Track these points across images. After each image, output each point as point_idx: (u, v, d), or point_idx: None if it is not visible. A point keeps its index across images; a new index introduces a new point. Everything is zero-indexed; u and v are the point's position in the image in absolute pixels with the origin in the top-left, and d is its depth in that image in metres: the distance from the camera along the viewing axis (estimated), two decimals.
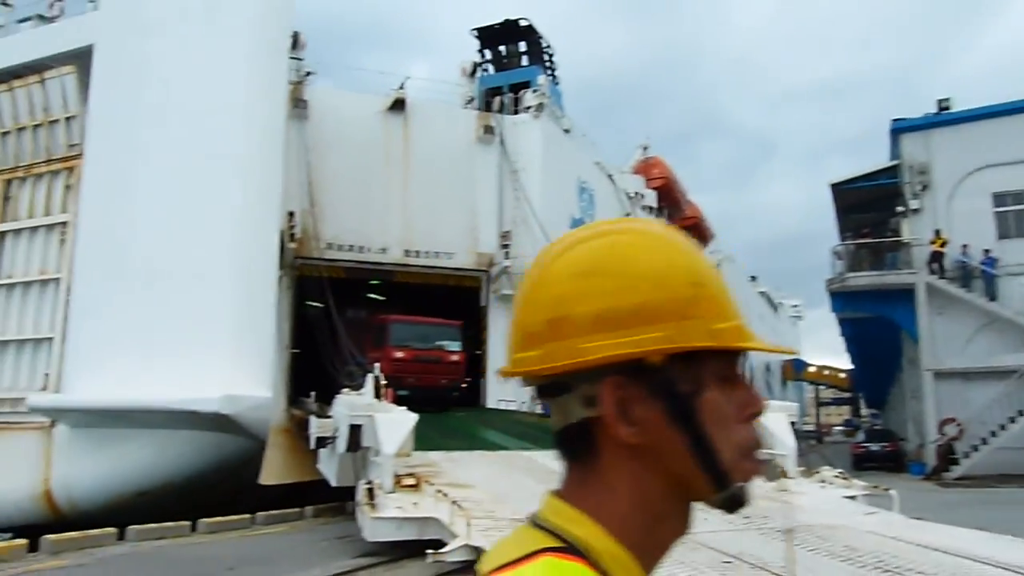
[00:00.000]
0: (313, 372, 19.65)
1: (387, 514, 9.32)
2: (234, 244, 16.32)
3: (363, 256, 21.83)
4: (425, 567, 8.32)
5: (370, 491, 9.60)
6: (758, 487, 3.94)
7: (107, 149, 17.56)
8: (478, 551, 8.13)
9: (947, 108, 26.20)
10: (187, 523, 11.69)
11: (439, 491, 9.49)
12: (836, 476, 12.61)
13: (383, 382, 17.08)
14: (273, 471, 16.88)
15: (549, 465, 13.64)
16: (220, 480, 15.96)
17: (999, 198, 25.27)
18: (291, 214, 19.94)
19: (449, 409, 19.76)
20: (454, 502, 8.85)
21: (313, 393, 17.76)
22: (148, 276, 16.12)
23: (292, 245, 20.06)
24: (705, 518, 5.15)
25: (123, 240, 16.65)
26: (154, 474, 15.84)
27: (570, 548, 0.83)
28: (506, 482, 11.82)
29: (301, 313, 20.62)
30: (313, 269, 20.57)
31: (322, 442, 12.20)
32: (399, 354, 19.21)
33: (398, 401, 15.82)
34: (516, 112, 24.75)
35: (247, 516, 12.58)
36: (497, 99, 24.50)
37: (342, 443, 11.21)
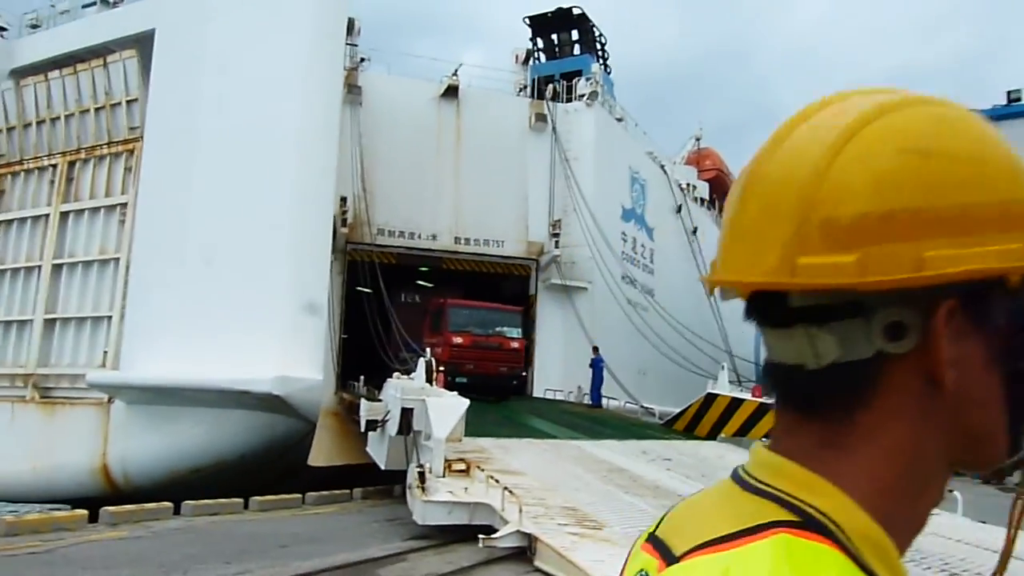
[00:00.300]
0: (363, 357, 19.77)
1: (438, 498, 9.29)
2: (289, 227, 16.47)
3: (413, 242, 21.89)
4: (476, 551, 8.25)
5: (421, 475, 9.58)
6: None
7: (166, 132, 17.88)
8: (529, 537, 8.05)
9: (1017, 99, 25.25)
10: (239, 500, 11.83)
11: (490, 477, 9.42)
12: None
13: (440, 368, 17.14)
14: (322, 453, 17.04)
15: (598, 455, 13.54)
16: (271, 460, 16.17)
17: None
18: (343, 199, 20.07)
19: (508, 398, 19.58)
20: (506, 488, 8.76)
21: (362, 377, 17.87)
22: (205, 257, 16.37)
23: (344, 230, 20.21)
24: None
25: (181, 221, 16.94)
26: (207, 452, 16.11)
27: (811, 524, 0.63)
28: (556, 471, 11.74)
29: (352, 297, 20.75)
30: (364, 254, 20.69)
31: (372, 425, 12.20)
32: (458, 340, 18.72)
33: (456, 388, 15.64)
34: (569, 100, 24.53)
35: (297, 496, 12.68)
36: (550, 87, 24.30)
37: (393, 426, 11.21)
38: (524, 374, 19.96)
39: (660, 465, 13.04)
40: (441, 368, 16.84)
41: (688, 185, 33.60)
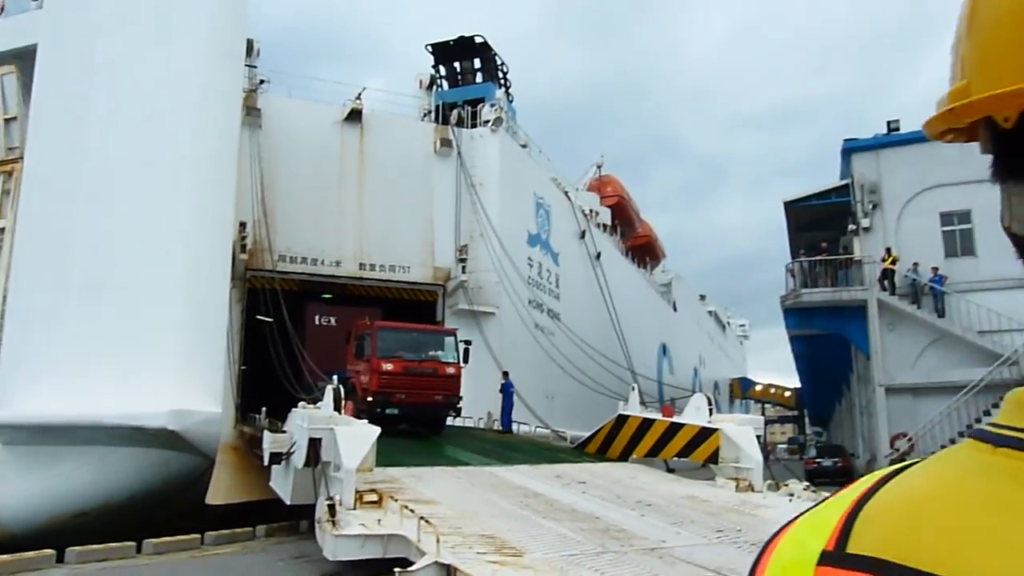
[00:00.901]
0: (264, 389, 18.94)
1: (350, 531, 8.85)
2: (184, 253, 15.69)
3: (316, 269, 21.30)
4: None
5: (331, 507, 9.12)
6: (726, 500, 3.58)
7: (49, 153, 16.80)
8: (448, 568, 7.73)
9: (896, 129, 26.80)
10: (131, 544, 11.01)
11: (404, 507, 9.05)
12: (804, 489, 12.48)
13: (368, 398, 16.50)
14: (221, 490, 16.21)
15: (513, 480, 13.31)
16: (165, 500, 15.22)
17: (946, 217, 25.87)
18: (242, 225, 19.36)
19: (441, 431, 18.35)
20: (421, 518, 8.43)
21: (264, 409, 17.11)
22: (91, 286, 15.40)
23: (243, 256, 19.47)
24: (678, 532, 4.83)
25: (65, 247, 15.89)
26: (93, 493, 15.02)
27: None
28: (471, 498, 11.44)
29: (252, 327, 19.92)
30: (265, 281, 19.95)
31: (276, 458, 11.62)
32: (388, 366, 16.84)
33: (385, 421, 15.10)
34: (474, 126, 24.52)
35: (195, 536, 11.92)
36: (455, 112, 24.25)
37: (300, 458, 10.71)
38: (460, 403, 18.29)
39: (575, 488, 12.90)
40: (370, 398, 16.34)
41: (591, 211, 34.10)
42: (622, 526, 10.22)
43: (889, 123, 26.97)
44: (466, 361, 18.20)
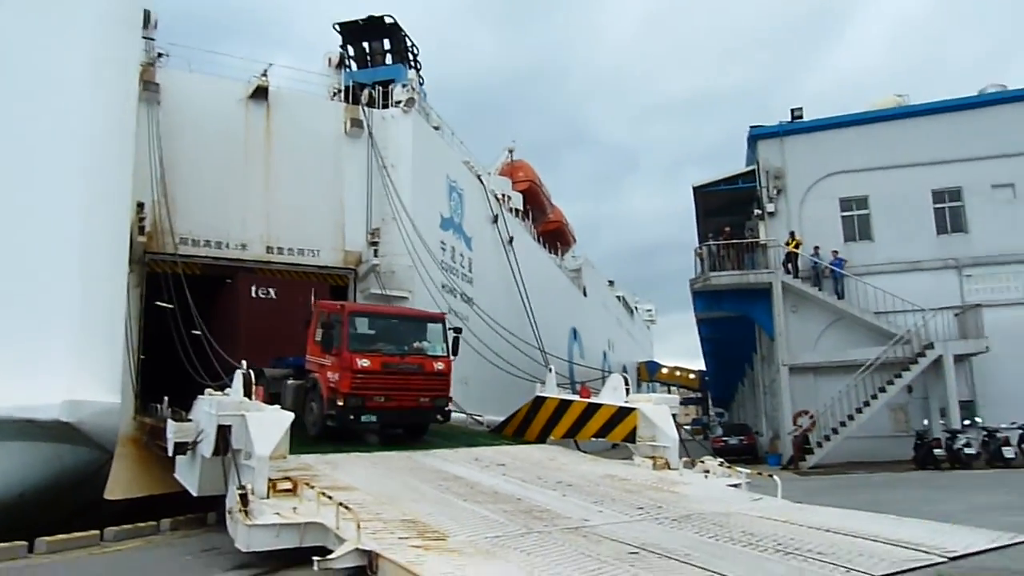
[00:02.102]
0: (167, 378, 18.00)
1: (264, 521, 8.44)
2: (77, 234, 14.68)
3: (221, 252, 20.38)
4: (309, 575, 7.53)
5: (243, 497, 8.69)
6: (645, 478, 3.42)
7: None
8: (370, 555, 7.45)
9: (800, 117, 27.70)
10: (22, 543, 10.24)
11: (321, 494, 8.69)
12: (719, 466, 12.70)
13: (340, 402, 13.96)
14: (121, 484, 15.39)
15: (431, 464, 13.07)
16: (59, 497, 14.28)
17: (845, 203, 26.95)
18: (140, 205, 18.32)
19: (422, 436, 15.94)
20: (340, 504, 8.10)
21: (166, 398, 16.26)
22: None
23: (142, 239, 18.46)
24: (600, 511, 4.68)
25: None
26: None
27: None
28: (390, 483, 11.14)
29: (152, 314, 18.90)
30: (166, 266, 18.98)
31: (181, 448, 11.03)
32: (363, 363, 14.13)
33: (357, 430, 14.42)
34: (385, 107, 23.96)
35: (94, 532, 11.22)
36: (365, 92, 23.62)
37: (207, 447, 10.17)
38: (450, 405, 15.75)
39: (495, 471, 12.76)
40: (340, 403, 13.93)
41: (504, 196, 33.97)
42: (545, 506, 10.13)
43: (793, 111, 27.84)
44: (455, 352, 15.70)
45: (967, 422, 22.99)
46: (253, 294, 19.38)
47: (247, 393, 10.58)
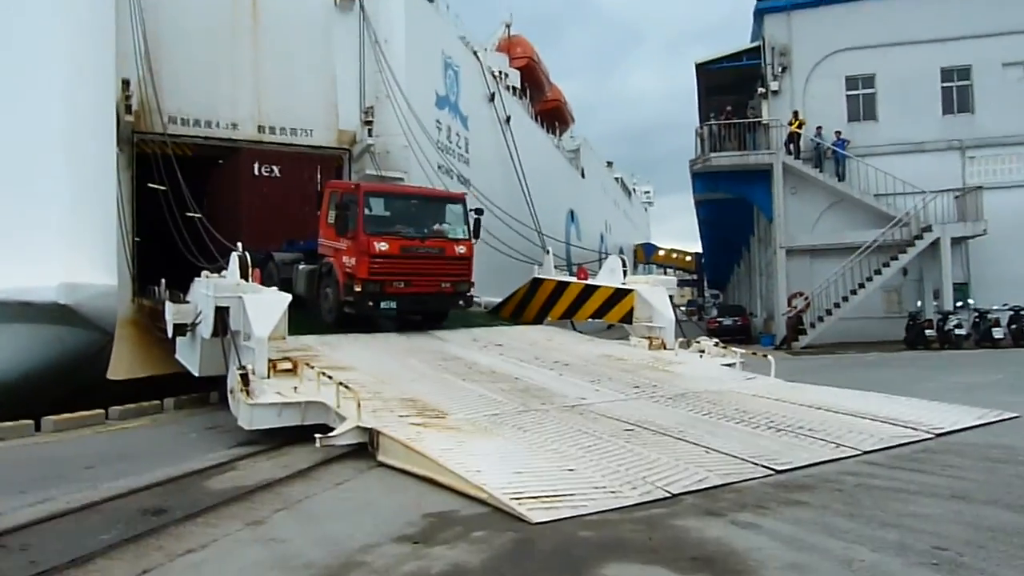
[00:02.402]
0: (165, 262, 17.89)
1: (265, 400, 8.58)
2: (62, 112, 14.26)
3: (211, 132, 19.83)
4: (312, 452, 7.72)
5: (244, 377, 8.79)
6: (641, 358, 3.37)
7: None
8: (371, 432, 7.61)
9: None
10: (29, 422, 10.45)
11: (321, 373, 8.79)
12: (715, 346, 12.85)
13: (357, 288, 13.28)
14: (123, 365, 15.56)
15: (429, 345, 13.23)
16: (62, 377, 14.48)
17: (851, 81, 26.21)
18: (126, 83, 17.69)
19: (443, 322, 15.31)
20: (340, 384, 8.20)
21: (164, 281, 16.24)
22: None
23: (129, 118, 17.87)
24: (596, 389, 4.67)
25: None
26: None
27: None
28: (389, 363, 11.30)
29: (146, 197, 18.62)
30: (155, 146, 18.54)
31: (181, 329, 11.09)
32: (381, 246, 13.40)
33: (376, 315, 13.83)
34: None
35: (99, 412, 11.44)
36: None
37: (206, 328, 10.23)
38: (471, 290, 15.08)
39: (493, 351, 12.93)
40: (358, 288, 13.30)
41: (500, 73, 32.98)
42: (542, 385, 10.31)
43: None
44: (476, 236, 15.07)
45: (959, 304, 23.20)
46: (256, 172, 18.28)
47: (243, 275, 10.53)
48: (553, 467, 6.42)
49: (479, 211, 15.38)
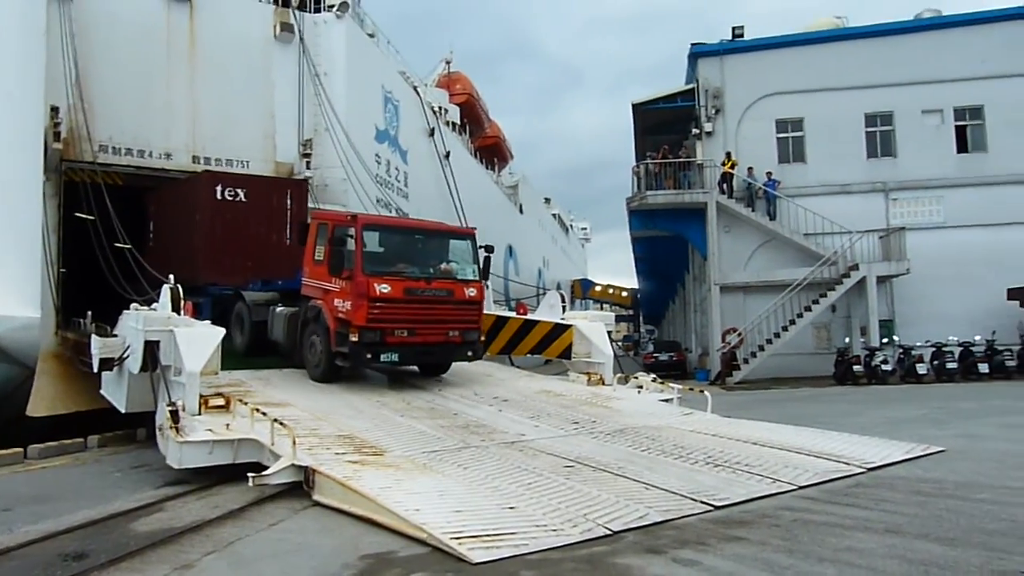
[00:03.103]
0: (93, 294, 17.25)
1: (196, 437, 8.29)
2: None
3: (144, 161, 19.42)
4: (245, 492, 7.48)
5: (174, 413, 8.48)
6: (580, 393, 3.41)
7: None
8: (306, 470, 7.42)
9: (740, 36, 27.50)
10: None
11: (255, 410, 8.56)
12: (652, 381, 12.96)
13: (353, 337, 11.54)
14: (43, 401, 14.93)
15: (365, 382, 13.00)
16: None
17: (781, 124, 27.13)
18: (55, 109, 17.23)
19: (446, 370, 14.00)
20: (275, 420, 7.99)
21: (90, 313, 15.67)
22: None
23: (57, 146, 17.38)
24: (536, 425, 4.68)
25: None
26: None
27: None
28: (326, 399, 11.09)
29: (74, 227, 18.01)
30: (84, 175, 18.01)
31: (107, 364, 10.68)
32: (382, 288, 11.65)
33: (376, 367, 12.45)
34: (317, 11, 22.84)
35: (17, 450, 10.90)
36: None
37: (135, 362, 9.87)
38: (481, 339, 13.54)
39: (432, 387, 12.80)
40: (354, 338, 11.54)
41: (440, 108, 33.17)
42: (482, 421, 10.23)
43: (734, 29, 27.62)
44: (486, 276, 13.62)
45: (885, 340, 23.97)
46: (219, 195, 16.21)
47: (175, 308, 10.23)
48: (494, 505, 6.35)
49: (489, 248, 13.83)
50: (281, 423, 7.95)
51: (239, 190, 16.36)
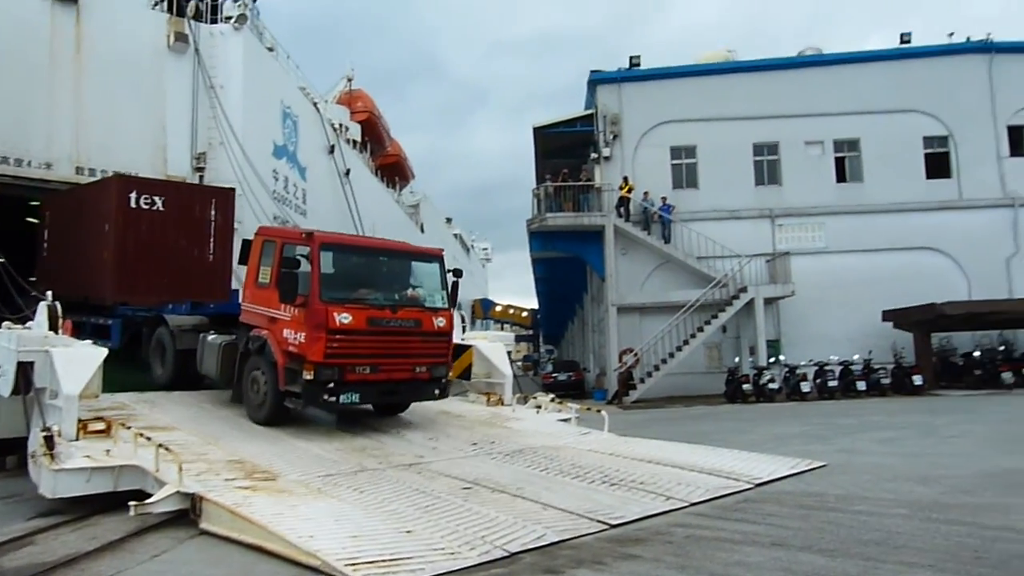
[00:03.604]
0: None
1: (73, 465, 7.82)
2: None
3: (22, 171, 18.36)
4: (126, 522, 7.09)
5: (48, 439, 7.98)
6: (479, 414, 3.45)
7: None
8: (193, 498, 7.09)
9: (638, 64, 28.33)
10: None
11: (138, 435, 8.15)
12: (551, 401, 13.08)
13: (309, 373, 9.94)
14: None
15: None
16: None
17: (675, 151, 28.07)
18: None
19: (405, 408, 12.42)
20: (160, 446, 7.63)
21: None
22: None
23: None
24: (434, 447, 4.68)
25: None
26: None
27: None
28: (216, 422, 10.69)
29: None
30: None
31: None
32: (344, 318, 10.13)
33: (334, 408, 10.73)
34: (214, 22, 22.23)
35: None
36: (191, 3, 21.76)
37: (5, 385, 9.23)
38: (448, 375, 11.92)
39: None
40: (308, 376, 9.95)
41: (341, 126, 32.73)
42: (379, 444, 10.07)
43: (631, 58, 28.42)
44: (454, 304, 12.09)
45: (772, 360, 25.00)
46: (132, 203, 14.16)
47: (52, 327, 9.67)
48: (390, 529, 6.24)
49: (457, 272, 12.25)
50: (166, 448, 7.60)
51: (156, 197, 14.44)
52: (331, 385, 10.02)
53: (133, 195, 14.24)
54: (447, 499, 7.27)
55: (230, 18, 22.11)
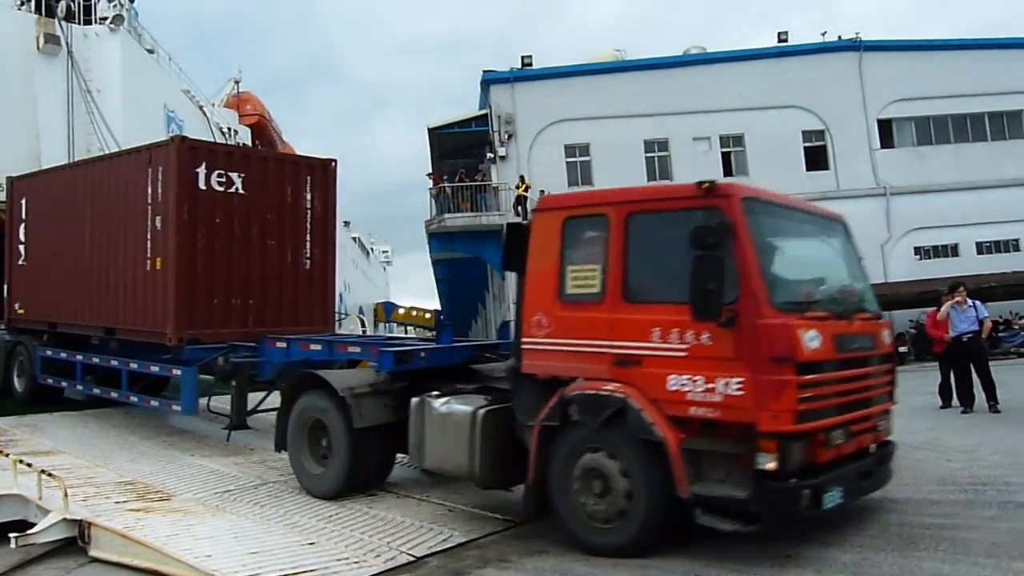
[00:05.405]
0: None
1: None
2: None
3: None
4: (7, 555, 6.68)
5: None
6: None
7: None
8: (80, 524, 6.75)
9: (530, 64, 28.64)
10: None
11: (18, 461, 7.70)
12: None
13: (768, 463, 4.96)
14: None
15: (152, 419, 12.13)
16: None
17: (569, 149, 28.52)
18: None
19: None
20: (43, 471, 7.24)
21: None
22: None
23: None
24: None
25: None
26: None
27: None
28: (105, 443, 10.23)
29: None
30: None
31: None
32: (813, 341, 5.35)
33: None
34: (88, 23, 21.25)
35: None
36: (62, 3, 20.73)
37: None
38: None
39: (223, 421, 12.12)
40: (769, 461, 4.92)
41: (229, 129, 31.85)
42: (281, 455, 9.82)
43: (523, 58, 28.74)
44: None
45: None
46: (203, 183, 9.89)
47: None
48: (292, 543, 6.12)
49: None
50: (50, 474, 7.21)
51: (234, 175, 10.08)
52: (808, 473, 5.28)
53: (202, 170, 9.84)
54: (352, 507, 7.19)
55: (105, 19, 21.20)
